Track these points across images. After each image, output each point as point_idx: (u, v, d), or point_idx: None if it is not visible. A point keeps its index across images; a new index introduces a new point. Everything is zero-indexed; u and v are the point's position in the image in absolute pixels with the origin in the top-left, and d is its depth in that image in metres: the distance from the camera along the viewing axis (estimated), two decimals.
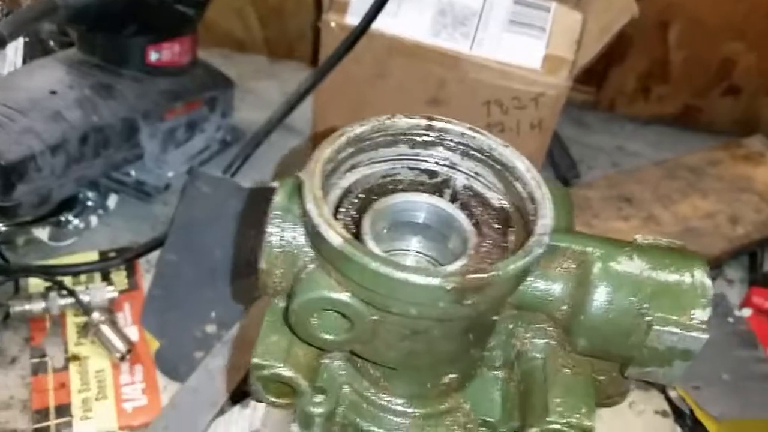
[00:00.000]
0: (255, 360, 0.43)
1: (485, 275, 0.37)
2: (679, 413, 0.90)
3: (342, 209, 0.45)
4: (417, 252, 0.46)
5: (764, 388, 0.94)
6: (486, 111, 1.04)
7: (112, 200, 1.04)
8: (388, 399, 0.47)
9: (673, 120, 1.42)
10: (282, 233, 0.43)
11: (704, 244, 1.11)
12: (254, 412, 0.82)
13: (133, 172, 1.03)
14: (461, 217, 0.44)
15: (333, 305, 0.40)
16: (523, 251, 0.39)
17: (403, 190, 0.47)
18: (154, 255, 1.00)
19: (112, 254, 0.99)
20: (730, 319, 1.01)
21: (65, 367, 0.88)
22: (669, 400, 0.91)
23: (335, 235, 0.38)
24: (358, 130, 0.45)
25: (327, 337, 0.42)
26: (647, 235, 0.48)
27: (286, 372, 0.43)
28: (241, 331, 0.89)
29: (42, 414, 0.83)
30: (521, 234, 0.44)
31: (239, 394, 0.84)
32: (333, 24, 1.02)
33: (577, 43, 1.01)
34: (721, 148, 1.27)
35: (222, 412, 0.83)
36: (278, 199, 0.43)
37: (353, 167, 0.46)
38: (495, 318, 0.44)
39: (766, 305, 1.04)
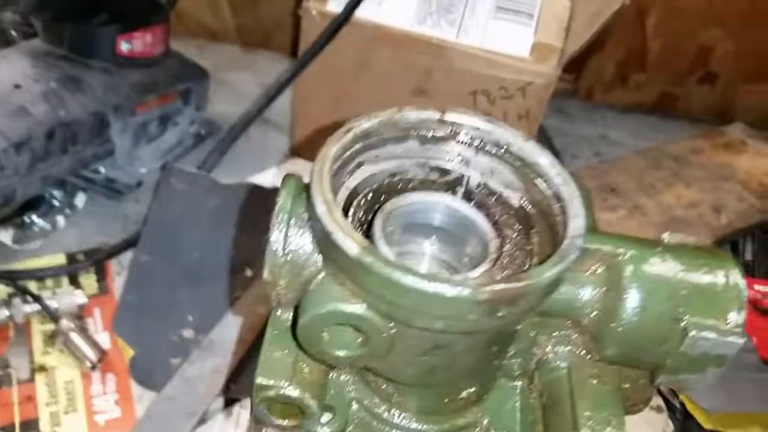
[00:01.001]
0: (259, 380, 0.39)
1: (520, 284, 0.34)
2: (670, 407, 0.88)
3: (350, 211, 0.40)
4: (431, 256, 0.42)
5: (752, 378, 0.92)
6: (472, 101, 1.00)
7: (80, 199, 0.99)
8: (402, 416, 0.43)
9: (652, 108, 1.40)
10: (287, 240, 0.39)
11: (690, 234, 1.09)
12: (238, 420, 0.78)
13: (102, 169, 0.98)
14: (480, 218, 0.41)
15: (347, 319, 0.36)
16: (558, 256, 0.35)
17: (413, 189, 0.43)
18: (126, 256, 0.95)
19: (81, 256, 0.94)
20: None
21: (31, 379, 0.82)
22: (661, 393, 0.89)
23: (352, 243, 0.34)
24: (365, 125, 0.41)
25: (339, 353, 0.38)
26: (674, 234, 0.45)
27: (293, 392, 0.39)
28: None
29: (7, 431, 0.78)
30: (545, 235, 0.40)
31: (227, 400, 0.80)
32: (314, 12, 0.97)
33: (565, 30, 0.98)
34: (702, 136, 1.26)
35: (203, 421, 0.79)
36: (281, 201, 0.39)
37: (359, 165, 0.42)
38: (518, 327, 0.41)
39: (750, 294, 1.03)
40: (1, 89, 0.85)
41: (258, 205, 0.99)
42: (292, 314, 0.42)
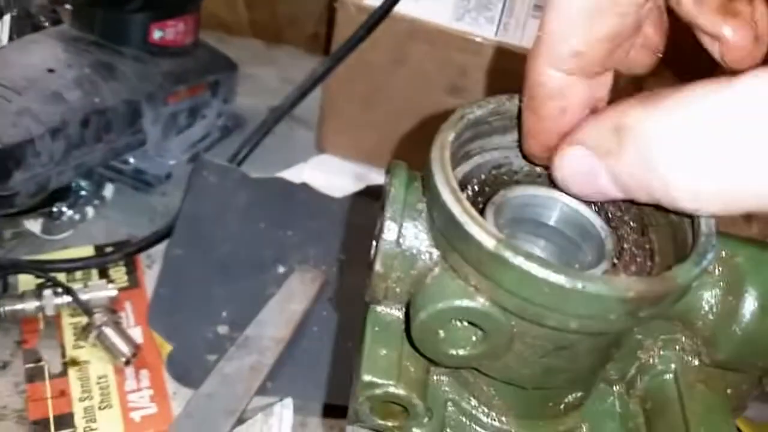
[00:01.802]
0: (366, 378, 0.37)
1: (667, 284, 0.32)
2: None
3: None
4: (543, 253, 0.41)
5: None
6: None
7: (108, 190, 0.96)
8: (501, 420, 0.42)
9: None
10: (401, 231, 0.37)
11: None
12: (281, 419, 0.76)
13: (132, 160, 0.95)
14: (593, 215, 0.39)
15: (469, 316, 0.35)
16: (697, 255, 0.34)
17: (518, 182, 0.41)
18: (155, 249, 0.92)
19: (109, 249, 0.91)
20: None
21: (63, 373, 0.80)
22: None
23: (487, 235, 0.32)
24: (477, 112, 0.39)
25: (454, 351, 0.36)
26: None
27: (401, 390, 0.38)
28: None
29: (41, 425, 0.75)
30: (664, 233, 0.39)
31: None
32: (351, 5, 0.96)
33: None
34: None
35: (241, 420, 0.77)
36: (394, 191, 0.37)
37: (466, 156, 0.41)
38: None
39: None
40: (35, 73, 0.82)
41: (287, 201, 0.97)
42: (393, 311, 0.40)
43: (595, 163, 0.33)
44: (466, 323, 0.36)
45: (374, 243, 0.39)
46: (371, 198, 1.01)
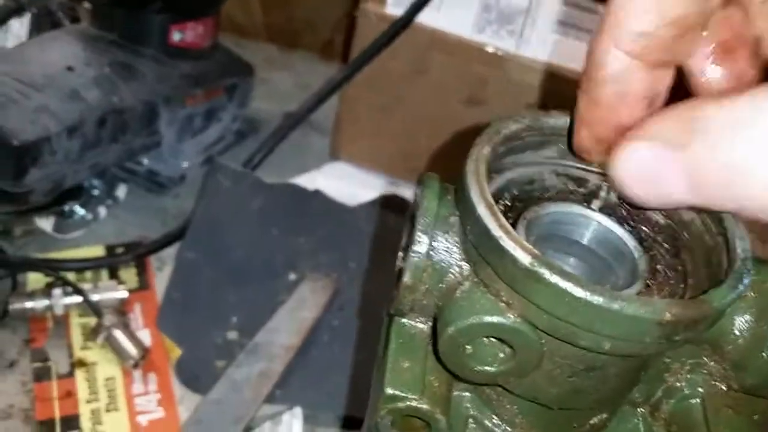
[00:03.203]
0: (389, 390, 0.37)
1: (705, 308, 0.31)
2: None
3: None
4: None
5: None
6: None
7: (121, 190, 0.96)
8: None
9: None
10: (432, 243, 0.36)
11: None
12: (290, 429, 0.75)
13: (146, 161, 0.95)
14: (626, 235, 0.38)
15: (499, 332, 0.34)
16: (734, 279, 0.33)
17: (550, 199, 0.41)
18: (166, 252, 0.92)
19: (120, 249, 0.91)
20: None
21: (71, 374, 0.79)
22: None
23: (522, 251, 0.32)
24: (512, 126, 0.39)
25: (480, 368, 0.36)
26: None
27: (424, 405, 0.37)
28: None
29: (47, 426, 0.74)
30: (697, 255, 0.38)
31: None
32: (372, 13, 0.95)
33: None
34: None
35: (249, 428, 0.76)
36: (426, 203, 0.37)
37: (500, 170, 0.40)
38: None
39: None
40: (54, 71, 0.82)
41: (300, 208, 0.97)
42: (417, 323, 0.39)
43: (664, 159, 0.30)
44: (494, 339, 0.35)
45: (401, 254, 0.39)
46: (385, 208, 1.01)
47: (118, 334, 0.80)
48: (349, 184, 1.06)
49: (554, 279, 0.31)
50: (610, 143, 0.35)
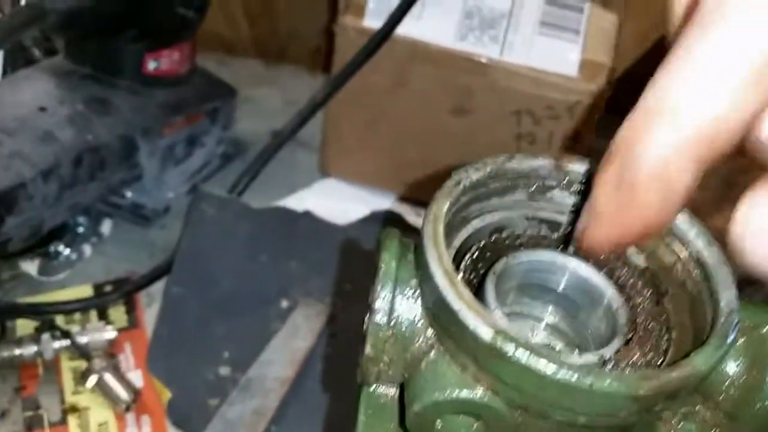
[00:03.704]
0: None
1: (685, 374, 0.29)
2: None
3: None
4: (548, 325, 0.38)
5: None
6: (516, 121, 0.96)
7: (105, 226, 0.94)
8: None
9: None
10: (392, 311, 0.34)
11: None
12: None
13: (129, 194, 0.93)
14: (605, 283, 0.36)
15: (468, 408, 0.32)
16: (718, 338, 0.31)
17: (521, 246, 0.38)
18: (155, 287, 0.90)
19: (108, 287, 0.89)
20: None
21: (63, 421, 0.77)
22: None
23: (484, 326, 0.29)
24: (474, 176, 0.36)
25: None
26: None
27: None
28: None
29: None
30: (681, 302, 0.36)
31: None
32: (350, 28, 0.93)
33: (614, 47, 0.93)
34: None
35: None
36: (384, 267, 0.34)
37: (464, 221, 0.38)
38: None
39: None
40: (27, 113, 0.80)
41: (289, 232, 0.94)
42: (388, 390, 0.37)
43: None
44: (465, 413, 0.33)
45: (366, 317, 0.36)
46: (376, 223, 0.99)
47: (108, 378, 0.78)
48: (339, 201, 1.04)
49: (519, 355, 0.29)
50: (632, 241, 0.31)
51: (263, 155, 0.96)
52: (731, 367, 0.36)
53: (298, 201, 1.02)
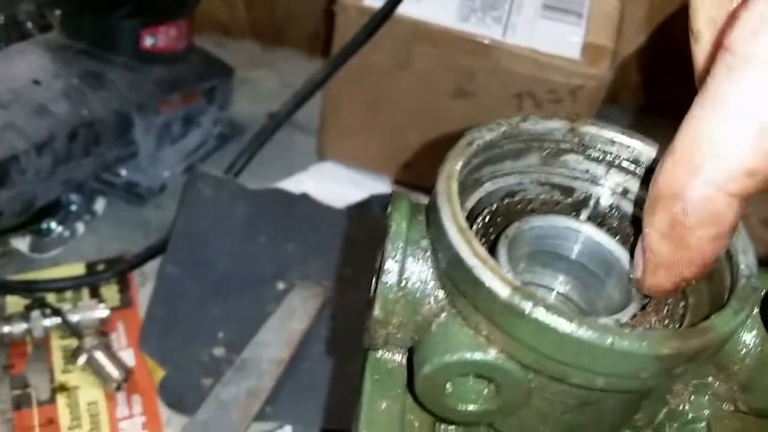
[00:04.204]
0: None
1: (708, 337, 0.28)
2: None
3: None
4: (561, 293, 0.37)
5: None
6: (517, 104, 0.95)
7: (99, 204, 0.92)
8: None
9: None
10: (403, 272, 0.33)
11: None
12: None
13: (124, 172, 0.91)
14: (619, 249, 0.35)
15: (480, 370, 0.31)
16: (738, 300, 0.30)
17: (533, 211, 0.37)
18: (148, 266, 0.88)
19: (101, 266, 0.88)
20: None
21: (52, 400, 0.76)
22: None
23: (501, 284, 0.28)
24: (487, 136, 0.35)
25: (462, 407, 0.32)
26: None
27: None
28: None
29: None
30: None
31: None
32: (351, 7, 0.91)
33: (616, 31, 0.92)
34: None
35: None
36: (395, 227, 0.33)
37: (477, 183, 0.36)
38: None
39: None
40: (20, 85, 0.78)
41: (287, 214, 0.93)
42: (395, 356, 0.36)
43: None
44: (476, 376, 0.32)
45: (374, 280, 0.35)
46: (375, 207, 0.97)
47: (100, 356, 0.76)
48: (337, 185, 1.03)
49: (536, 313, 0.28)
50: (693, 278, 0.31)
51: (261, 135, 0.95)
52: (747, 337, 0.35)
53: (295, 184, 1.01)
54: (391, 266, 0.32)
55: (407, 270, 0.33)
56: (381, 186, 1.03)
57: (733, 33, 0.26)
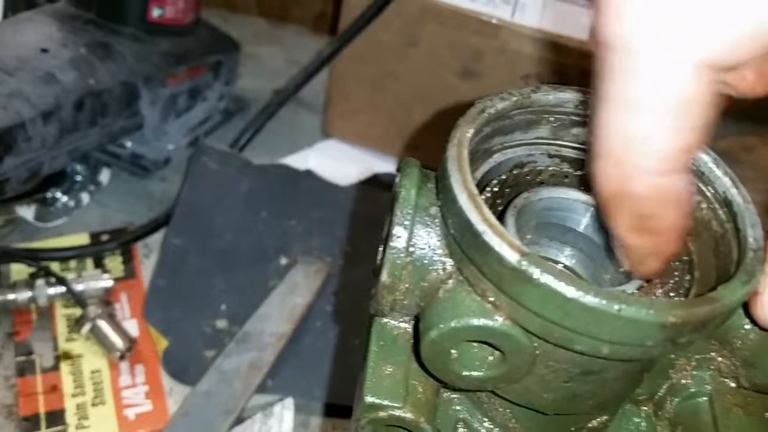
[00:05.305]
0: (369, 399, 0.34)
1: (714, 306, 0.28)
2: None
3: None
4: (565, 267, 0.37)
5: None
6: (524, 86, 0.94)
7: (104, 175, 0.92)
8: None
9: None
10: (411, 238, 0.33)
11: None
12: (281, 420, 0.72)
13: (129, 144, 0.91)
14: None
15: (486, 336, 0.31)
16: (745, 273, 0.30)
17: (542, 183, 0.37)
18: (152, 238, 0.89)
19: (105, 237, 0.88)
20: None
21: (56, 367, 0.77)
22: None
23: (510, 250, 0.28)
24: (499, 105, 0.35)
25: (466, 373, 0.33)
26: None
27: (408, 414, 0.34)
28: None
29: (31, 422, 0.72)
30: (705, 243, 0.35)
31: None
32: None
33: None
34: (753, 133, 1.20)
35: (239, 419, 0.73)
36: (404, 192, 0.33)
37: (486, 153, 0.37)
38: None
39: None
40: (28, 53, 0.78)
41: (291, 189, 0.93)
42: (401, 323, 0.36)
43: None
44: (482, 343, 0.32)
45: (381, 248, 0.35)
46: (379, 186, 0.97)
47: (103, 326, 0.77)
48: (341, 163, 1.03)
49: (545, 279, 0.28)
50: (677, 248, 0.31)
51: (266, 111, 0.95)
52: None
53: (300, 160, 1.01)
54: (399, 232, 0.33)
55: (416, 236, 0.33)
56: (385, 165, 1.03)
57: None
